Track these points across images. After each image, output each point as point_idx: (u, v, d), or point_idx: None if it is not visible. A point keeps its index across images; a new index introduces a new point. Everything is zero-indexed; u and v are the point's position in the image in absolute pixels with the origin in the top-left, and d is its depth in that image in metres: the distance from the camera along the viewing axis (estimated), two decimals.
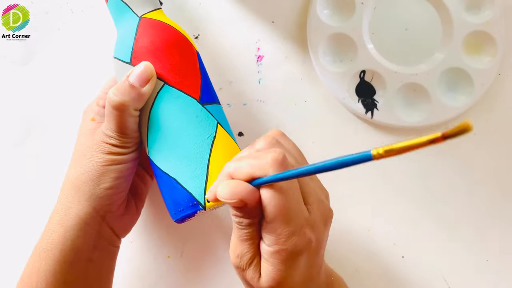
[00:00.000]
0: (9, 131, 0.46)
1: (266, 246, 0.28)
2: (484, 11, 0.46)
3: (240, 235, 0.30)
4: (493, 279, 0.45)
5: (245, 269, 0.30)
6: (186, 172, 0.35)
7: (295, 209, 0.28)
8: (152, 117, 0.36)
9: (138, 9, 0.38)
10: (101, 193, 0.35)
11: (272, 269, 0.29)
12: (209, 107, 0.37)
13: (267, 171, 0.27)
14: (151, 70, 0.35)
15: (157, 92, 0.36)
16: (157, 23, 0.37)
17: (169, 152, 0.35)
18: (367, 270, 0.44)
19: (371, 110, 0.45)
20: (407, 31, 0.46)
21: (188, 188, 0.35)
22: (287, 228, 0.28)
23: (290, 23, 0.47)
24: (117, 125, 0.35)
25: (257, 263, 0.30)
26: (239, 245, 0.30)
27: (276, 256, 0.28)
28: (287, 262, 0.28)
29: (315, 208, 0.30)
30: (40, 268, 0.35)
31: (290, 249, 0.28)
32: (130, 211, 0.39)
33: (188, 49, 0.37)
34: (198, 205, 0.34)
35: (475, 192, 0.45)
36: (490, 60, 0.46)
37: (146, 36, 0.36)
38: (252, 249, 0.30)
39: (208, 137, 0.35)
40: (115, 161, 0.36)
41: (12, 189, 0.46)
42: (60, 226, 0.35)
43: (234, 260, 0.30)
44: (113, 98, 0.34)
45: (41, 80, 0.46)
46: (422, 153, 0.45)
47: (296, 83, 0.46)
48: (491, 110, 0.46)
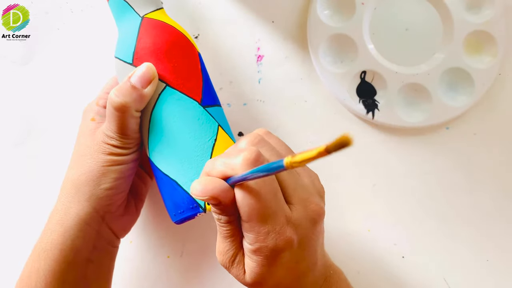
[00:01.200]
0: (9, 131, 0.46)
1: (247, 244, 0.29)
2: (485, 11, 0.46)
3: (221, 232, 0.30)
4: (493, 279, 0.45)
5: (229, 266, 0.30)
6: (187, 175, 0.35)
7: (271, 208, 0.28)
8: (154, 118, 0.36)
9: (140, 9, 0.37)
10: (101, 193, 0.35)
11: (255, 266, 0.29)
12: (210, 110, 0.36)
13: (237, 170, 0.27)
14: (153, 71, 0.35)
15: (158, 94, 0.36)
16: (159, 24, 0.37)
17: (170, 154, 0.35)
18: (367, 270, 0.44)
19: (372, 111, 0.45)
20: (408, 31, 0.46)
21: (189, 191, 0.35)
22: (263, 227, 0.28)
23: (290, 23, 0.47)
24: (118, 126, 0.35)
25: (240, 260, 0.30)
26: (222, 242, 0.30)
27: (258, 254, 0.28)
28: (269, 259, 0.28)
29: (299, 207, 0.29)
30: (39, 267, 0.35)
31: (270, 246, 0.28)
32: (130, 212, 0.39)
33: (190, 50, 0.37)
34: (198, 208, 0.35)
35: (475, 192, 0.45)
36: (491, 60, 0.46)
37: (148, 36, 0.36)
38: (234, 246, 0.30)
39: (209, 139, 0.35)
40: (115, 161, 0.36)
41: (12, 189, 0.46)
42: (59, 226, 0.35)
43: (219, 258, 0.31)
44: (115, 99, 0.34)
45: (41, 80, 0.46)
46: (422, 152, 0.46)
47: (296, 83, 0.46)
48: (492, 110, 0.46)
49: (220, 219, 0.29)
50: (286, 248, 0.28)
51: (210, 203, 0.29)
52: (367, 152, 0.46)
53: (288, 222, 0.28)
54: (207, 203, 0.34)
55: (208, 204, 0.34)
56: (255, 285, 0.30)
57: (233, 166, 0.28)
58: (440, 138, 0.46)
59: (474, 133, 0.46)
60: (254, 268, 0.29)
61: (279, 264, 0.29)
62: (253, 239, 0.28)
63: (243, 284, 0.30)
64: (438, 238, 0.45)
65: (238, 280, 0.30)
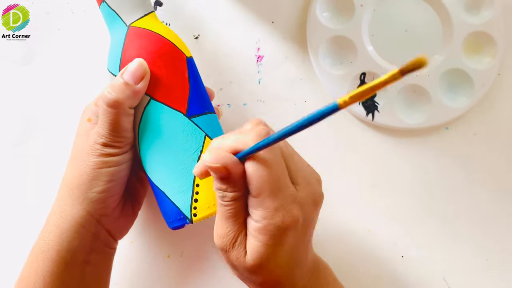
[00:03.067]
0: (9, 131, 0.46)
1: (254, 222, 0.28)
2: (484, 12, 0.46)
3: (223, 212, 0.30)
4: (493, 279, 0.45)
5: (229, 249, 0.30)
6: (174, 187, 0.35)
7: (281, 181, 0.28)
8: (141, 132, 0.36)
9: (127, 17, 0.37)
10: (93, 197, 0.35)
11: (260, 246, 0.28)
12: (197, 119, 0.36)
13: (249, 144, 0.28)
14: (144, 67, 0.35)
15: (144, 107, 0.35)
16: (144, 33, 0.36)
17: (158, 166, 0.36)
18: (367, 270, 0.44)
19: (372, 112, 0.45)
20: (407, 33, 0.46)
21: (176, 202, 0.35)
22: (274, 201, 0.28)
23: (290, 24, 0.47)
24: (111, 123, 0.34)
25: (241, 241, 0.29)
26: (223, 224, 0.30)
27: (264, 232, 0.28)
28: (274, 238, 0.28)
29: (303, 188, 0.30)
30: (37, 268, 0.35)
31: (278, 224, 0.28)
32: (126, 214, 0.39)
33: (176, 59, 0.36)
34: (185, 219, 0.35)
35: (475, 192, 0.45)
36: (490, 60, 0.46)
37: (132, 48, 0.36)
38: (236, 227, 0.29)
39: (194, 152, 0.35)
40: (106, 163, 0.35)
41: (11, 189, 0.45)
42: (56, 227, 0.35)
43: (218, 241, 0.30)
44: (108, 96, 0.34)
45: (41, 81, 0.46)
46: (422, 153, 0.46)
47: (296, 83, 0.46)
48: (491, 111, 0.46)
49: (225, 196, 0.29)
50: (292, 226, 0.28)
51: (218, 177, 0.29)
52: (367, 153, 0.46)
53: (294, 200, 0.29)
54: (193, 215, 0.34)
55: (194, 216, 0.35)
56: (255, 267, 0.29)
57: (245, 141, 0.28)
58: (440, 139, 0.46)
59: (474, 134, 0.46)
60: (258, 248, 0.28)
61: (283, 245, 0.29)
62: (261, 216, 0.28)
63: (241, 268, 0.30)
64: (438, 238, 0.45)
65: (237, 264, 0.30)
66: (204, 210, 0.35)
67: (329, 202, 0.45)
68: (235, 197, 0.29)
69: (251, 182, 0.28)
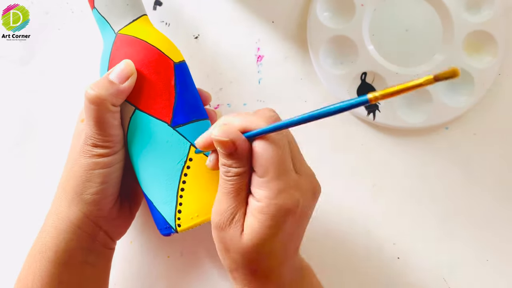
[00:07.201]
0: (9, 131, 0.46)
1: (256, 202, 0.29)
2: (484, 11, 0.46)
3: (225, 187, 0.30)
4: (493, 279, 0.45)
5: (225, 226, 0.30)
6: (159, 197, 0.35)
7: (287, 165, 0.29)
8: (129, 142, 0.36)
9: (116, 23, 0.36)
10: (88, 199, 0.35)
11: (259, 226, 0.28)
12: (182, 129, 0.35)
13: (260, 125, 0.29)
14: (131, 68, 0.35)
15: (129, 118, 0.35)
16: (131, 41, 0.36)
17: (145, 176, 0.36)
18: (367, 270, 0.44)
19: (373, 112, 0.45)
20: (408, 32, 0.46)
21: (161, 212, 0.36)
22: (278, 182, 0.28)
23: (290, 24, 0.47)
24: (95, 120, 0.34)
25: (239, 219, 0.29)
26: (222, 200, 0.30)
27: (266, 211, 0.28)
28: (274, 219, 0.28)
29: (304, 177, 0.30)
30: (36, 268, 0.35)
31: (280, 204, 0.28)
32: (124, 214, 0.39)
33: (162, 67, 0.36)
34: (170, 229, 0.35)
35: (475, 192, 0.45)
36: (491, 60, 0.46)
37: (118, 58, 0.35)
38: (236, 203, 0.30)
39: (178, 162, 0.35)
40: (98, 164, 0.35)
41: (11, 189, 0.45)
42: (53, 228, 0.35)
43: (216, 218, 0.30)
44: (90, 92, 0.34)
45: (41, 80, 0.46)
46: (422, 153, 0.46)
47: (296, 83, 0.46)
48: (492, 110, 0.46)
49: (229, 171, 0.29)
50: (292, 210, 0.28)
51: (225, 152, 0.29)
52: (367, 152, 0.46)
53: (297, 185, 0.29)
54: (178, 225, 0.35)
55: (179, 226, 0.35)
56: (249, 248, 0.29)
57: (256, 122, 0.29)
58: (440, 139, 0.46)
59: (474, 133, 0.46)
60: (256, 227, 0.28)
61: (280, 229, 0.29)
62: (264, 195, 0.28)
63: (234, 249, 0.30)
64: (438, 238, 0.45)
65: (230, 244, 0.30)
66: (187, 221, 0.35)
67: (329, 202, 0.45)
68: (239, 172, 0.29)
69: (258, 161, 0.28)
